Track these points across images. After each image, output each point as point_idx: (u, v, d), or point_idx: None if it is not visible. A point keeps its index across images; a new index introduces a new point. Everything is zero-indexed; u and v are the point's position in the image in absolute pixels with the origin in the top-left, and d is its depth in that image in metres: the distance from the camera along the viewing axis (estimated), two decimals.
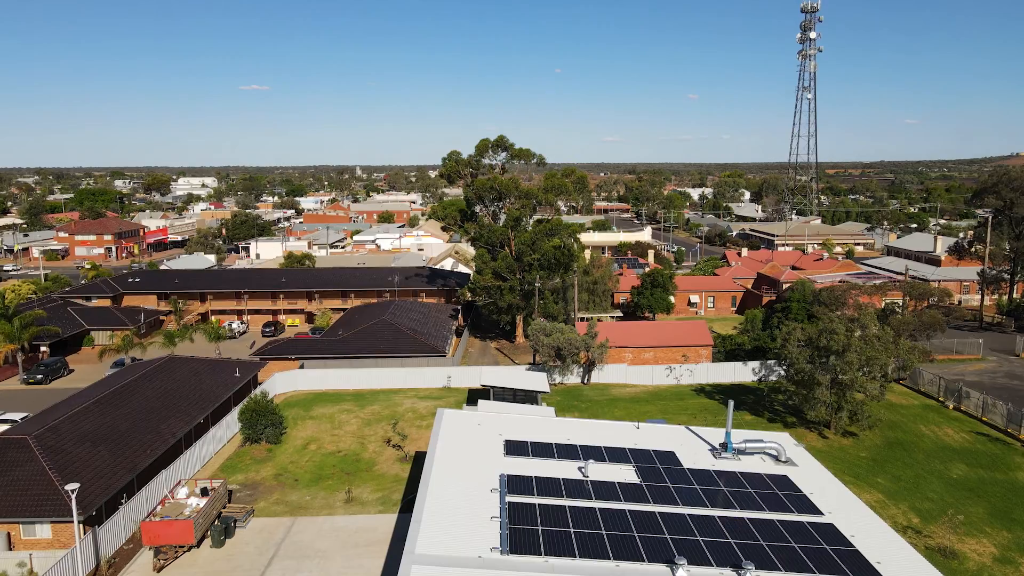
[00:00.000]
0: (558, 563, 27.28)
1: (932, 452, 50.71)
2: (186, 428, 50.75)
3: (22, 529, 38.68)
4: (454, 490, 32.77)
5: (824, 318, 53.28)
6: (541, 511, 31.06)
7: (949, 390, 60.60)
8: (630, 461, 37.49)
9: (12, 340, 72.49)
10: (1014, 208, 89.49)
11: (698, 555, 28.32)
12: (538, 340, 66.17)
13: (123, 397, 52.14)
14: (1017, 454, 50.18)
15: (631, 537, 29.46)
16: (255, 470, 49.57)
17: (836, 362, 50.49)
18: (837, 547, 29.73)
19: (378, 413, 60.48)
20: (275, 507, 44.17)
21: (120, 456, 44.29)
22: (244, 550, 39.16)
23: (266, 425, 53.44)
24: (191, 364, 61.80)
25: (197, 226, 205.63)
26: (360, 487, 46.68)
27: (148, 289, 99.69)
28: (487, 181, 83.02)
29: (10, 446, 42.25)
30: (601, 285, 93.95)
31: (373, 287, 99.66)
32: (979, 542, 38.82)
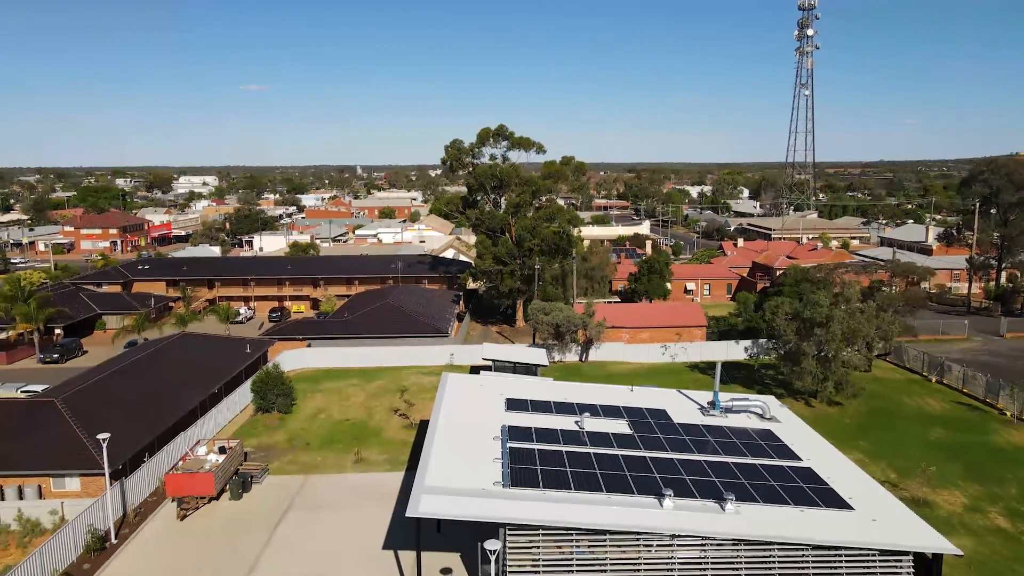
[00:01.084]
0: (554, 494, 29.79)
1: (913, 419, 53.21)
2: (201, 397, 53.21)
3: (52, 482, 41.11)
4: (459, 437, 35.28)
5: (809, 293, 55.74)
6: (540, 454, 33.55)
7: (932, 364, 63.10)
8: (623, 416, 39.98)
9: (29, 321, 74.96)
10: (1000, 195, 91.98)
11: (684, 489, 30.83)
12: (538, 319, 68.65)
13: (141, 368, 54.63)
14: (994, 420, 52.66)
15: (622, 475, 31.95)
16: (268, 435, 52.04)
17: (820, 333, 52.95)
18: (813, 485, 32.22)
19: (384, 387, 62.97)
20: (288, 466, 46.64)
21: (140, 419, 46.74)
22: (261, 502, 41.62)
23: (277, 395, 55.89)
24: (204, 340, 64.28)
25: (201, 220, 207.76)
26: (368, 450, 49.12)
27: (157, 276, 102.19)
28: (488, 169, 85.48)
29: (39, 408, 44.77)
30: (599, 272, 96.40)
31: (377, 274, 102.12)
32: (951, 494, 41.30)
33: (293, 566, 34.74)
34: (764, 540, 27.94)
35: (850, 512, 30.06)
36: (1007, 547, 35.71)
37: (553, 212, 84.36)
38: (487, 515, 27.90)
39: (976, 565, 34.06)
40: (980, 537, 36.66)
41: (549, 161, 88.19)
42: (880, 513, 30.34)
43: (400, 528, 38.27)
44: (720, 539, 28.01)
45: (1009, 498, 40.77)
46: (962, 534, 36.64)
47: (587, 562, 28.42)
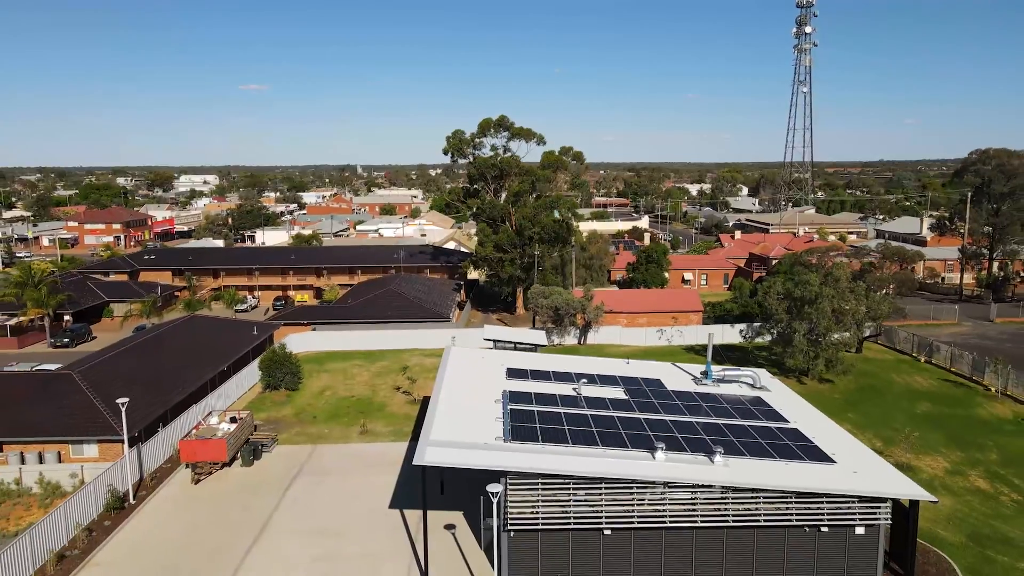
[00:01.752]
0: (553, 448, 31.49)
1: (901, 394, 54.92)
2: (211, 373, 54.91)
3: (71, 449, 42.81)
4: (462, 400, 36.98)
5: (801, 274, 57.42)
6: (539, 415, 35.25)
7: (921, 345, 64.80)
8: (619, 384, 41.68)
9: (40, 306, 76.66)
10: (992, 185, 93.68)
11: (675, 445, 32.52)
12: (537, 302, 70.36)
13: (152, 346, 56.35)
14: (979, 396, 54.35)
15: (617, 433, 33.64)
16: (276, 410, 53.74)
17: (810, 311, 54.62)
18: (798, 443, 33.91)
19: (387, 367, 64.67)
20: (296, 437, 48.34)
21: (154, 392, 48.43)
22: (271, 468, 43.33)
23: (285, 373, 57.60)
24: (212, 322, 65.97)
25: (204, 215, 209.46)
26: (373, 423, 50.82)
27: (163, 265, 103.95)
28: (489, 159, 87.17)
29: (58, 380, 46.48)
30: (597, 261, 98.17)
31: (379, 263, 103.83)
32: (934, 459, 43.01)
33: (304, 522, 36.43)
34: (750, 487, 29.60)
35: (832, 465, 31.72)
36: (985, 505, 37.42)
37: (553, 200, 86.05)
38: (489, 464, 29.57)
39: (955, 521, 35.77)
40: (959, 497, 38.37)
41: (548, 151, 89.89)
42: (861, 466, 32.01)
43: (405, 490, 40.02)
44: (709, 487, 29.67)
45: (989, 463, 42.48)
46: (943, 494, 38.32)
47: (584, 512, 30.08)
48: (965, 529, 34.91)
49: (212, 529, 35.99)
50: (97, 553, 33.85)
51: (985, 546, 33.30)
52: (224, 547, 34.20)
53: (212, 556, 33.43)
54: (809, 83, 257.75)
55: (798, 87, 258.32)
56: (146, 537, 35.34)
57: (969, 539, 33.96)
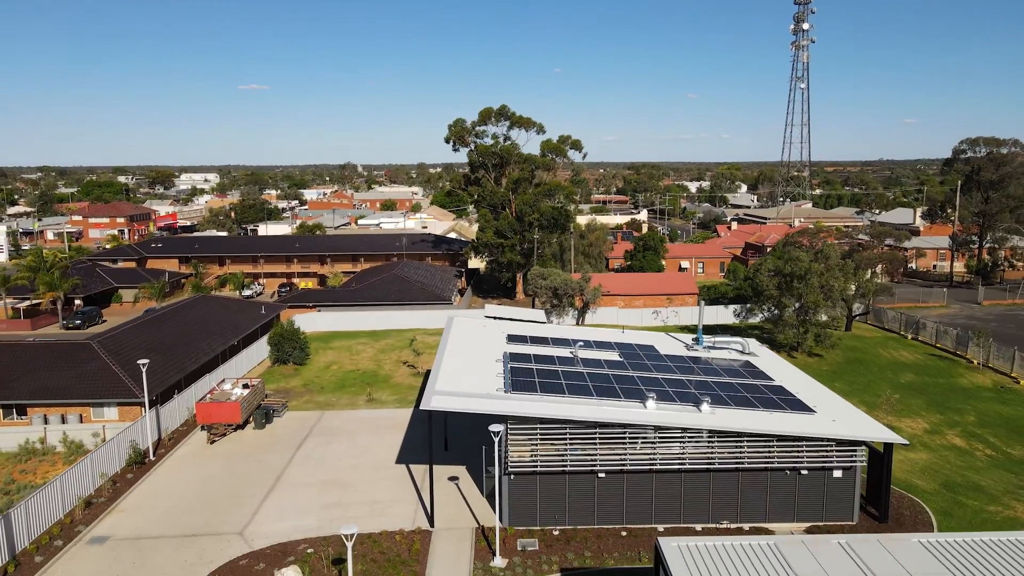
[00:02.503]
0: (550, 397, 33.56)
1: (886, 366, 57.03)
2: (223, 346, 57.01)
3: (92, 411, 44.90)
4: (465, 359, 39.08)
5: (792, 252, 59.49)
6: (538, 371, 37.35)
7: (908, 323, 66.90)
8: (615, 349, 43.76)
9: (53, 289, 78.68)
10: (981, 173, 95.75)
11: (665, 397, 34.63)
12: (537, 283, 72.40)
13: (166, 321, 58.40)
14: (962, 367, 56.46)
15: (612, 387, 35.74)
16: (285, 382, 55.83)
17: (800, 287, 56.70)
18: (782, 397, 36.00)
19: (391, 345, 66.78)
20: (305, 405, 50.43)
21: (169, 360, 50.53)
22: (283, 431, 45.43)
23: (293, 348, 59.68)
24: (221, 302, 68.03)
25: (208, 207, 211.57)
26: (379, 392, 52.91)
27: (170, 253, 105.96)
28: (490, 147, 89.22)
29: (78, 348, 48.58)
30: (596, 248, 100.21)
31: (382, 251, 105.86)
32: (914, 421, 45.11)
33: (315, 475, 38.52)
34: (735, 431, 31.70)
35: (813, 415, 33.81)
36: (960, 458, 39.51)
37: (552, 187, 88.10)
38: (490, 409, 31.66)
39: (930, 472, 37.86)
40: (936, 452, 40.47)
41: (547, 140, 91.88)
42: (839, 416, 34.11)
43: (410, 448, 42.14)
44: (696, 431, 31.76)
45: (966, 423, 44.58)
46: (920, 451, 40.45)
47: (579, 457, 32.16)
48: (939, 479, 36.99)
49: (229, 481, 38.08)
50: (121, 501, 35.95)
51: (957, 493, 35.38)
52: (241, 495, 36.29)
53: (230, 503, 35.52)
54: (807, 79, 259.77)
55: (795, 83, 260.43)
56: (167, 487, 37.43)
57: (942, 487, 36.04)
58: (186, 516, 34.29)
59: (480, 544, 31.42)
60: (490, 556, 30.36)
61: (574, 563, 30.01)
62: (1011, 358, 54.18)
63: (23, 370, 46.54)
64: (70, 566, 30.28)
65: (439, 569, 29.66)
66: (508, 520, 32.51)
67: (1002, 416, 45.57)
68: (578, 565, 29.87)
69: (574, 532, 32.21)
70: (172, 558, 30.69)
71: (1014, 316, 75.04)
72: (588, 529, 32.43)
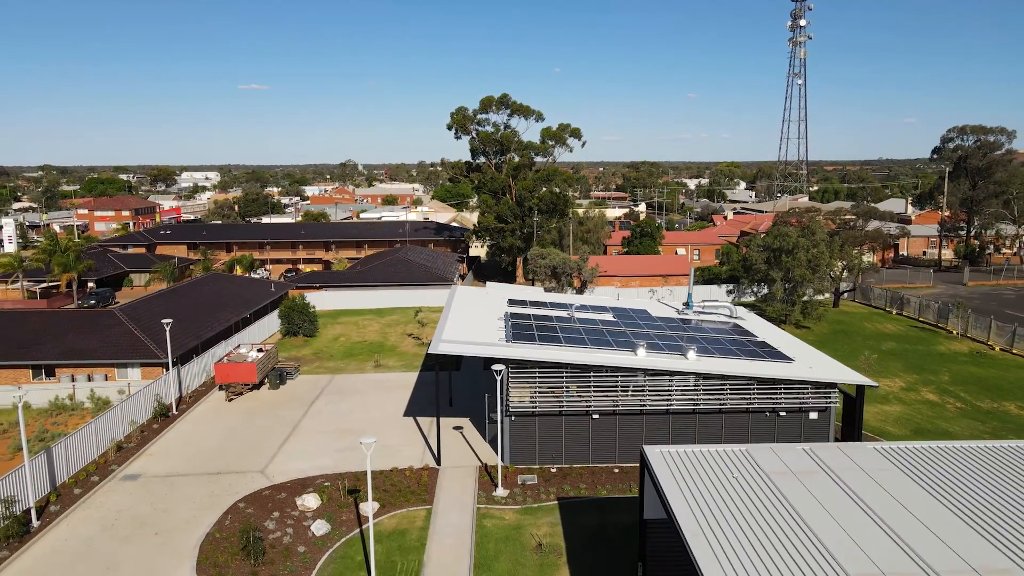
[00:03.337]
0: (548, 345, 36.25)
1: (869, 336, 59.73)
2: (236, 317, 59.71)
3: (116, 372, 47.61)
4: (469, 317, 41.80)
5: (780, 227, 62.16)
6: (537, 327, 40.06)
7: (893, 299, 69.60)
8: (609, 312, 46.48)
9: (68, 270, 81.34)
10: (969, 160, 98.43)
11: (655, 347, 37.33)
12: (536, 263, 75.05)
13: (181, 295, 61.10)
14: (941, 337, 59.17)
15: (605, 339, 38.44)
16: (296, 351, 58.53)
17: (788, 260, 59.39)
18: (764, 349, 38.70)
19: (396, 320, 69.49)
20: (317, 369, 53.14)
21: (186, 328, 53.22)
22: (296, 390, 48.14)
23: (303, 321, 62.38)
24: (232, 279, 70.76)
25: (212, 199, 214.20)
26: (385, 359, 55.62)
27: (178, 240, 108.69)
28: (490, 134, 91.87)
29: (101, 315, 51.37)
30: (594, 234, 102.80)
31: (385, 237, 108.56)
32: (892, 380, 47.80)
33: (328, 426, 41.24)
34: (718, 374, 34.40)
35: (791, 362, 36.50)
36: (932, 410, 42.20)
37: (550, 172, 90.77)
38: (493, 354, 34.37)
39: (903, 421, 40.56)
40: (911, 405, 43.17)
41: (547, 127, 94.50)
42: (816, 364, 36.82)
43: (417, 403, 44.87)
44: (683, 374, 34.46)
45: (941, 382, 47.29)
46: (895, 403, 43.16)
47: (575, 400, 34.86)
48: (911, 426, 39.69)
49: (248, 431, 40.79)
50: (150, 446, 38.65)
51: (926, 437, 38.05)
52: (261, 442, 39.00)
53: (251, 448, 38.23)
54: (804, 75, 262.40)
55: (793, 79, 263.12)
56: (191, 436, 40.14)
57: (913, 433, 38.74)
58: (211, 458, 37.01)
59: (483, 479, 34.13)
60: (492, 488, 33.08)
61: (570, 493, 32.72)
62: (988, 327, 56.86)
63: (51, 335, 49.24)
64: (107, 497, 32.99)
65: (446, 497, 32.37)
66: (509, 459, 35.20)
67: (975, 376, 48.28)
68: (573, 495, 32.58)
69: (570, 469, 34.90)
70: (200, 490, 33.40)
71: (997, 295, 77.69)
72: (583, 467, 35.11)
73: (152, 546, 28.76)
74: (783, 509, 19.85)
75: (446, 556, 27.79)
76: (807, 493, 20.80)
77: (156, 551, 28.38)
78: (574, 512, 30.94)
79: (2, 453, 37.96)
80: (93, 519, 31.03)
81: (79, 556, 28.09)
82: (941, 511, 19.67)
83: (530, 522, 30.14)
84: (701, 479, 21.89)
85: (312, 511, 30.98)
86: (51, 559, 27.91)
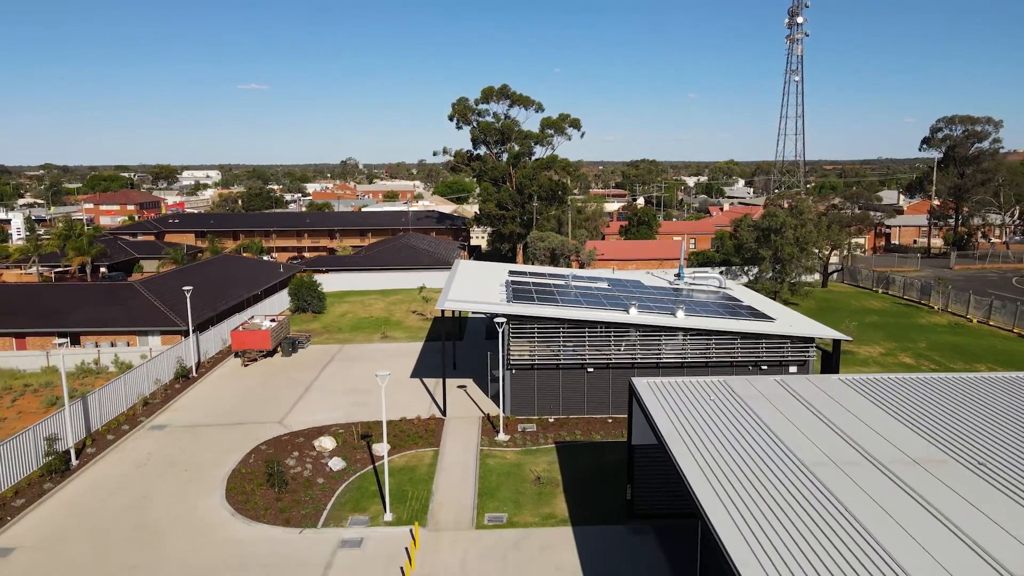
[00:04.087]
0: (545, 305, 38.90)
1: (855, 312, 62.38)
2: (248, 293, 62.35)
3: (138, 340, 50.27)
4: (472, 283, 44.47)
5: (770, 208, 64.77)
6: (536, 291, 42.71)
7: (879, 279, 72.27)
8: (604, 281, 49.13)
9: (82, 253, 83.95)
10: (957, 149, 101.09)
11: (646, 307, 39.97)
12: (536, 246, 77.74)
13: (195, 272, 63.73)
14: (923, 311, 61.85)
15: (600, 302, 41.09)
16: (305, 325, 61.18)
17: (776, 239, 62.01)
18: (748, 310, 41.35)
19: (400, 299, 72.16)
20: (327, 340, 55.80)
21: (203, 301, 55.83)
22: (308, 357, 50.80)
23: (312, 298, 65.02)
24: (243, 260, 73.40)
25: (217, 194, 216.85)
26: (392, 332, 58.28)
27: (186, 228, 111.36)
28: (491, 123, 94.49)
29: (122, 288, 54.07)
30: (592, 222, 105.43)
31: (389, 225, 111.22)
32: (872, 347, 50.46)
33: (341, 385, 43.90)
34: (704, 329, 37.07)
35: (773, 321, 39.15)
36: (907, 372, 44.81)
37: (549, 160, 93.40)
38: (494, 310, 37.03)
39: None
40: (888, 368, 45.81)
41: (546, 117, 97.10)
42: (795, 323, 39.47)
43: (423, 367, 47.52)
44: (671, 330, 37.11)
45: (918, 348, 49.94)
46: (873, 366, 45.79)
47: (571, 355, 37.49)
48: None
49: (265, 390, 43.45)
50: (173, 402, 41.32)
51: None
52: (277, 399, 41.67)
53: (269, 403, 40.90)
54: (801, 72, 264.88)
55: (790, 76, 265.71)
56: (212, 394, 42.82)
57: None
58: (231, 412, 39.68)
59: (486, 427, 36.80)
60: (495, 433, 35.74)
61: (566, 438, 35.38)
62: (966, 301, 59.51)
63: (75, 306, 51.90)
64: (137, 443, 35.66)
65: (452, 441, 35.04)
66: (510, 410, 37.85)
67: (951, 343, 50.96)
68: (569, 439, 35.24)
69: (566, 419, 37.55)
70: (223, 437, 36.07)
71: (981, 277, 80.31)
72: (579, 417, 37.75)
73: (183, 480, 31.41)
74: (752, 421, 22.49)
75: (453, 486, 30.44)
76: (774, 409, 23.45)
77: (187, 484, 31.03)
78: (570, 453, 33.58)
79: (36, 408, 40.58)
80: (127, 460, 33.70)
81: (117, 488, 30.74)
82: (890, 421, 22.33)
83: (529, 461, 32.79)
84: (682, 402, 24.53)
85: (329, 451, 33.64)
86: (92, 491, 30.57)
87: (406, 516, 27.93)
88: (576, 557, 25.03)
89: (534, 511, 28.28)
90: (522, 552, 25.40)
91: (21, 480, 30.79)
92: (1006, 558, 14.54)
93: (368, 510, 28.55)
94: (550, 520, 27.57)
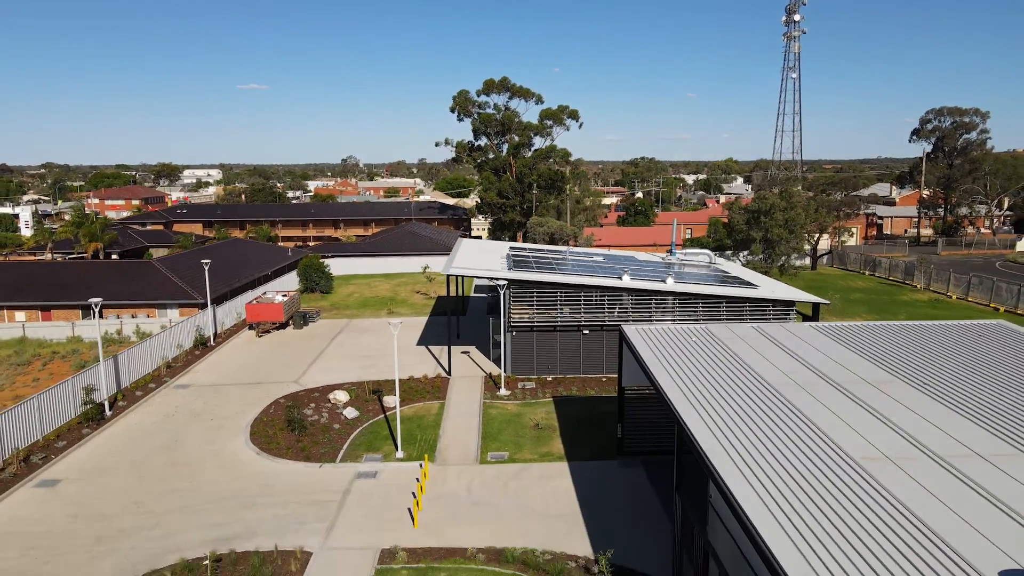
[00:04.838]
0: (544, 272, 41.60)
1: (841, 290, 65.07)
2: (259, 273, 65.03)
3: (157, 312, 52.95)
4: (475, 254, 47.17)
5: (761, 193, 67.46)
6: (535, 261, 45.42)
7: (866, 262, 74.98)
8: (600, 255, 51.83)
9: (95, 239, 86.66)
10: (946, 140, 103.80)
11: (638, 274, 42.67)
12: (535, 231, 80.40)
13: (208, 253, 66.34)
14: (906, 290, 64.55)
15: (595, 269, 43.80)
16: (314, 303, 63.86)
17: (766, 221, 64.73)
18: (737, 279, 44.04)
19: (404, 282, 74.84)
20: (336, 316, 58.49)
21: (217, 278, 58.49)
22: (319, 329, 53.49)
23: (320, 278, 67.71)
24: (253, 243, 76.05)
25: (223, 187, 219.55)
26: (397, 308, 60.97)
27: (194, 218, 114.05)
28: (491, 115, 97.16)
29: (141, 265, 56.79)
30: (591, 212, 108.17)
31: (392, 215, 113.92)
32: (854, 320, 53.09)
33: (351, 352, 46.59)
34: (692, 293, 39.76)
35: (756, 288, 41.85)
36: None
37: (548, 150, 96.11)
38: (495, 275, 39.72)
39: None
40: None
41: (546, 108, 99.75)
42: (778, 289, 42.16)
43: (428, 337, 50.19)
44: (661, 294, 39.80)
45: (897, 320, 52.53)
46: None
47: (568, 317, 40.16)
48: None
49: (280, 356, 46.15)
50: (195, 365, 44.02)
51: None
52: (292, 363, 44.36)
53: (284, 367, 43.59)
54: (798, 69, 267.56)
55: (787, 73, 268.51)
56: (230, 359, 45.53)
57: None
58: (250, 373, 42.38)
59: (489, 384, 39.50)
60: (496, 389, 38.44)
61: (562, 393, 38.07)
62: (947, 280, 62.22)
63: (97, 281, 54.57)
64: (164, 398, 38.36)
65: (457, 395, 37.74)
66: (511, 370, 40.53)
67: (929, 316, 53.60)
68: (565, 394, 37.92)
69: (563, 378, 40.23)
70: (244, 394, 38.75)
71: (967, 263, 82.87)
72: (575, 377, 40.43)
73: (210, 427, 34.11)
74: (729, 357, 25.16)
75: (459, 431, 33.14)
76: (749, 348, 26.12)
77: (214, 430, 33.72)
78: (566, 405, 36.28)
79: (66, 371, 43.24)
80: (156, 412, 36.40)
81: (149, 433, 33.44)
82: (847, 353, 25.02)
83: (529, 411, 35.49)
84: (668, 345, 27.19)
85: (343, 403, 36.33)
86: (126, 436, 33.26)
87: (416, 454, 30.63)
88: (571, 483, 27.75)
89: (533, 450, 30.97)
90: (522, 480, 28.09)
91: (61, 426, 33.47)
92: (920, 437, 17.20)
93: (381, 449, 31.25)
94: (548, 457, 30.26)
